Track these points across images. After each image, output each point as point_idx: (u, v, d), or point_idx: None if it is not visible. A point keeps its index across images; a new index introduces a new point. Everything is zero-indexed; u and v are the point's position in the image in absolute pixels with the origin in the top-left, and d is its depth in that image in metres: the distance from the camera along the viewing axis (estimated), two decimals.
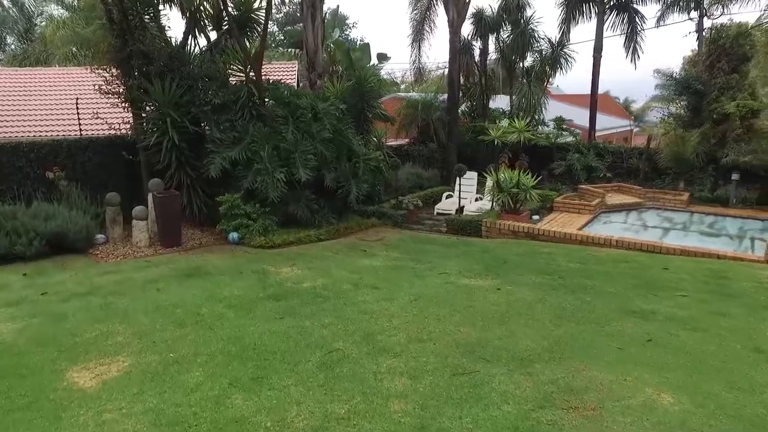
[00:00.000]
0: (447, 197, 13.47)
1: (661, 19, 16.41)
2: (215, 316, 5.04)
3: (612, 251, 8.29)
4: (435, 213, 12.66)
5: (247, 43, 10.73)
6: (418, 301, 5.62)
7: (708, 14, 15.57)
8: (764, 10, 15.31)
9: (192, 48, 10.59)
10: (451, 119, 16.12)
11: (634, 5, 16.14)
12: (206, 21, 11.07)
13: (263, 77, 10.15)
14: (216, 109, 9.79)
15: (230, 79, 10.35)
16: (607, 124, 26.59)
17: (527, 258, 7.91)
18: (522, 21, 15.97)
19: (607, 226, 11.45)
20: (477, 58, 17.53)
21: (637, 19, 16.88)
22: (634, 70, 19.58)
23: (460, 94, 17.33)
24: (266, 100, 10.23)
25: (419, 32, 18.23)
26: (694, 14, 16.02)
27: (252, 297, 5.74)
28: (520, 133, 9.87)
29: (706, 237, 10.60)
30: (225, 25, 11.03)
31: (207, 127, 9.83)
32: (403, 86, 23.54)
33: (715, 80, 15.17)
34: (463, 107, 18.35)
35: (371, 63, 14.54)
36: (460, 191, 11.69)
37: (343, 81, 13.52)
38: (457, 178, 13.92)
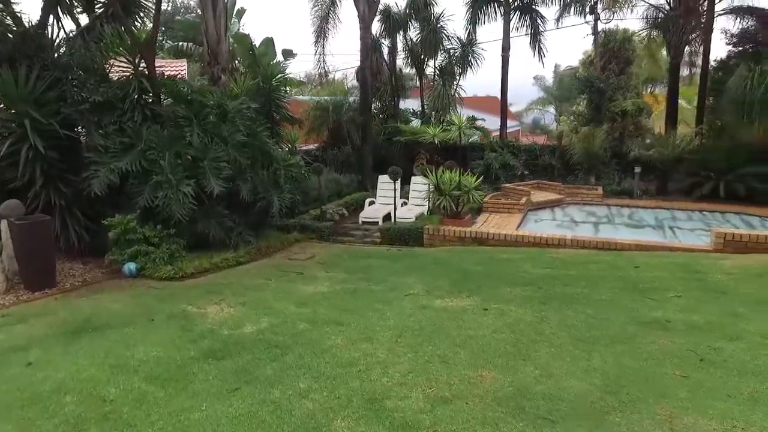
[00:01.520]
0: (370, 204, 12.43)
1: (559, 21, 17.04)
2: (134, 401, 3.39)
3: (569, 251, 7.85)
4: (360, 222, 11.54)
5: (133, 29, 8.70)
6: (403, 338, 4.46)
7: (601, 18, 16.52)
8: (644, 17, 16.55)
9: (55, 32, 8.30)
10: (364, 120, 15.14)
11: (536, 7, 16.54)
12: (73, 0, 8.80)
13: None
14: (96, 108, 7.68)
15: (114, 71, 8.27)
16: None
17: (490, 267, 7.13)
18: (432, 18, 15.54)
19: (541, 224, 11.26)
20: (386, 56, 16.80)
21: (538, 20, 17.37)
22: (543, 67, 20.22)
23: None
24: (162, 97, 8.33)
25: (323, 29, 17.02)
26: (590, 17, 16.87)
27: (181, 358, 4.13)
28: (460, 129, 9.16)
29: (632, 229, 10.80)
30: (99, 7, 8.87)
31: (85, 131, 7.69)
32: (308, 89, 22.08)
33: (610, 80, 16.03)
34: (373, 108, 17.51)
35: (276, 59, 13.02)
36: (395, 197, 10.70)
37: (247, 79, 11.85)
38: (379, 183, 13.04)
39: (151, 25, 8.31)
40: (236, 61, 13.19)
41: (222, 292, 6.22)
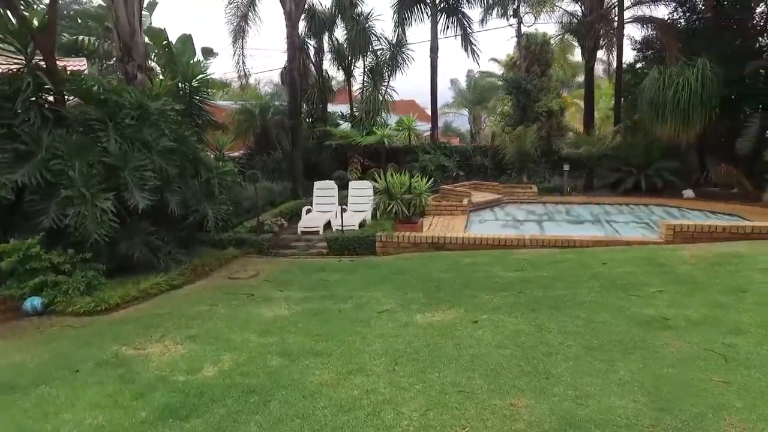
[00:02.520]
0: (307, 212, 11.61)
1: (483, 22, 17.34)
2: None
3: (532, 252, 7.67)
4: (299, 232, 10.72)
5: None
6: (401, 365, 3.85)
7: (524, 22, 17.05)
8: (559, 22, 17.36)
9: None
10: (294, 124, 14.25)
11: (462, 9, 16.68)
12: None
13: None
14: None
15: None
16: (422, 128, 27.94)
17: (459, 273, 6.72)
18: (360, 18, 15.06)
19: (486, 225, 11.15)
20: (312, 57, 16.05)
21: (465, 21, 17.55)
22: (478, 67, 20.47)
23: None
24: (66, 96, 7.00)
25: (242, 28, 15.89)
26: (514, 20, 17.33)
27: (130, 424, 3.18)
28: (409, 130, 8.69)
29: (574, 224, 11.03)
30: None
31: None
32: (222, 93, 20.57)
33: (534, 82, 16.54)
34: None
35: (196, 58, 11.79)
36: (347, 203, 10.01)
37: (165, 78, 10.58)
38: (315, 190, 12.28)
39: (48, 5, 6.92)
40: (150, 59, 11.74)
41: (162, 325, 5.19)
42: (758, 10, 14.01)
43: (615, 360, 3.70)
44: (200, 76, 11.18)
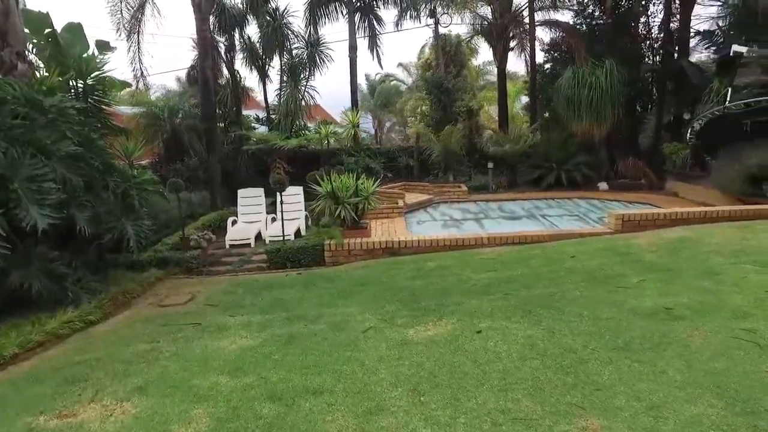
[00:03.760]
0: (233, 224, 10.49)
1: (398, 24, 17.19)
2: None
3: (494, 250, 7.43)
4: (227, 246, 9.62)
5: None
6: (427, 396, 3.25)
7: (441, 23, 17.14)
8: (471, 24, 17.78)
9: None
10: (209, 127, 12.90)
11: (376, 10, 16.38)
12: None
13: None
14: None
15: None
16: (339, 130, 27.35)
17: (429, 280, 6.23)
18: (275, 14, 14.09)
19: (426, 226, 10.86)
20: (224, 55, 14.74)
21: (375, 22, 17.26)
22: (381, 69, 20.18)
23: None
24: None
25: (138, 21, 14.16)
26: (431, 21, 17.35)
27: None
28: (354, 128, 8.03)
29: (511, 221, 11.12)
30: None
31: None
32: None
33: (452, 81, 16.71)
34: None
35: (90, 52, 10.07)
36: (282, 212, 9.09)
37: (52, 74, 8.86)
38: (240, 199, 11.17)
39: None
40: (28, 50, 9.75)
41: (91, 377, 4.04)
42: (642, 20, 15.40)
43: (654, 360, 3.41)
44: (96, 73, 9.57)
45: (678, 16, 14.63)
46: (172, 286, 7.38)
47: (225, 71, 14.83)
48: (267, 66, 14.94)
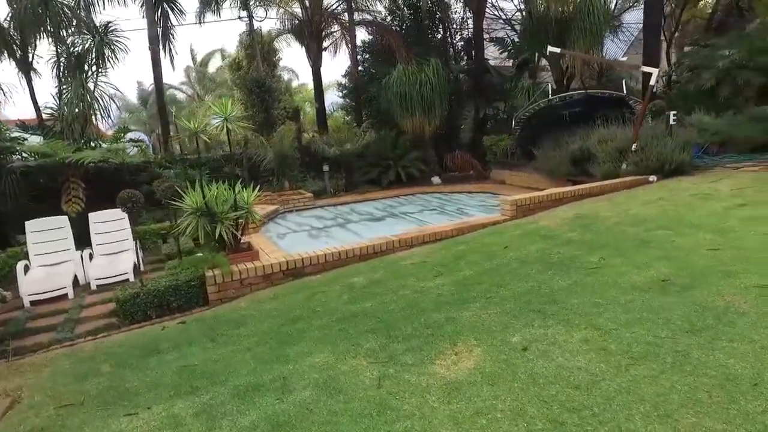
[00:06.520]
0: (26, 270, 7.33)
1: (200, 17, 14.82)
2: None
3: (409, 252, 6.66)
4: (26, 304, 6.72)
5: None
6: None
7: (256, 17, 15.39)
8: (281, 21, 16.61)
9: None
10: None
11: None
12: None
13: None
14: None
15: None
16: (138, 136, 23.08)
17: (379, 300, 5.07)
18: None
19: (292, 239, 9.55)
20: None
21: (171, 14, 14.66)
22: (172, 70, 17.18)
23: None
24: None
25: None
26: (244, 13, 15.34)
27: None
28: (225, 121, 6.09)
29: (376, 222, 10.61)
30: None
31: None
32: None
33: (272, 81, 15.37)
34: None
35: None
36: (98, 246, 6.50)
37: None
38: (29, 234, 7.90)
39: None
40: None
41: None
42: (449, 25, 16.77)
43: (702, 346, 3.14)
44: None
45: (471, 23, 16.29)
46: None
47: None
48: (31, 54, 11.05)
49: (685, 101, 12.13)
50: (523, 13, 15.06)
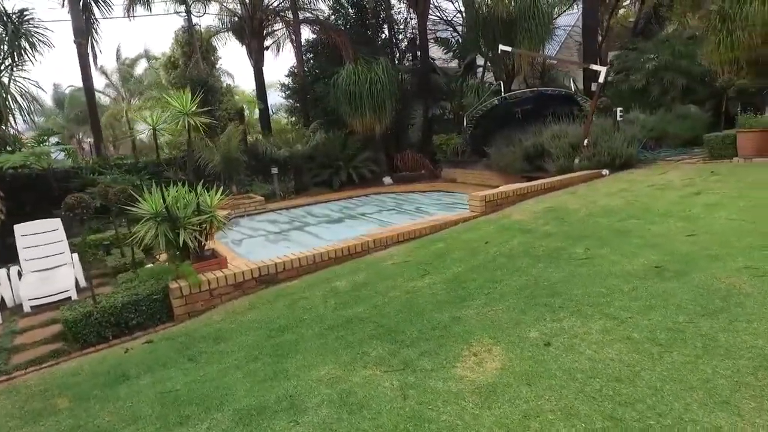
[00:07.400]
0: None
1: (129, 10, 13.65)
2: None
3: (389, 252, 6.40)
4: None
5: None
6: None
7: (194, 12, 14.37)
8: (220, 19, 15.76)
9: None
10: None
11: None
12: None
13: None
14: None
15: None
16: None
17: (370, 303, 4.78)
18: None
19: (248, 244, 9.06)
20: None
21: (94, 6, 13.44)
22: (95, 68, 15.82)
23: None
24: None
25: None
26: (182, 8, 14.27)
27: None
28: (185, 117, 5.48)
29: (335, 224, 10.30)
30: None
31: None
32: None
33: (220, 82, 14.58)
34: None
35: None
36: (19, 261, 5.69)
37: None
38: None
39: None
40: None
41: None
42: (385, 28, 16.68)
43: (728, 333, 3.19)
44: None
45: (415, 23, 16.31)
46: None
47: None
48: None
49: (621, 100, 12.82)
50: (464, 15, 15.28)
